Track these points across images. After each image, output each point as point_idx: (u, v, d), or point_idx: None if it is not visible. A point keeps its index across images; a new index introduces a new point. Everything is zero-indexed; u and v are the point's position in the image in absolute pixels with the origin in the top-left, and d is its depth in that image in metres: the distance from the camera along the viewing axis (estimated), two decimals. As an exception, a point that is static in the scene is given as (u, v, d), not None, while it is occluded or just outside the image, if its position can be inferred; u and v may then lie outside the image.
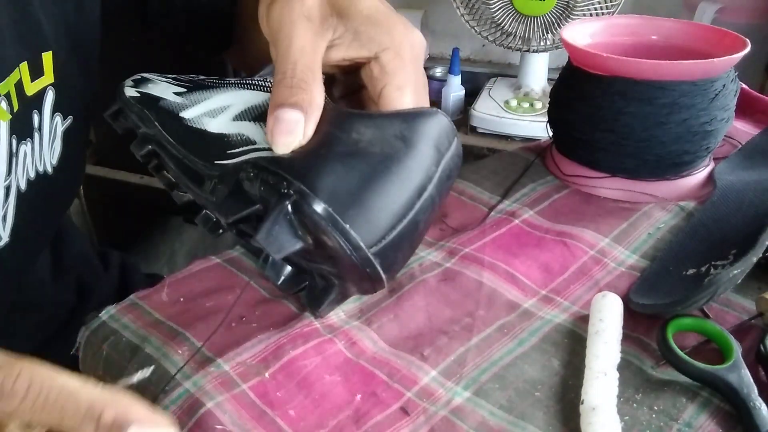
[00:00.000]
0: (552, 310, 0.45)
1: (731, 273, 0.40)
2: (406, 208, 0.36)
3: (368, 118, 0.39)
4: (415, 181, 0.37)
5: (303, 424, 0.36)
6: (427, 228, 0.40)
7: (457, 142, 0.40)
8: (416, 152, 0.37)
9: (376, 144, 0.37)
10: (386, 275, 0.38)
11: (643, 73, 0.52)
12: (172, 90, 0.45)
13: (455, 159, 0.40)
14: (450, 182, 0.40)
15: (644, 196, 0.56)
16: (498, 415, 0.37)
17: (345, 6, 0.40)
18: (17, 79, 0.47)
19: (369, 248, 0.35)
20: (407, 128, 0.38)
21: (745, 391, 0.36)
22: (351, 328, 0.43)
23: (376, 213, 0.36)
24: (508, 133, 1.14)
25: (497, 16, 1.09)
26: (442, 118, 0.40)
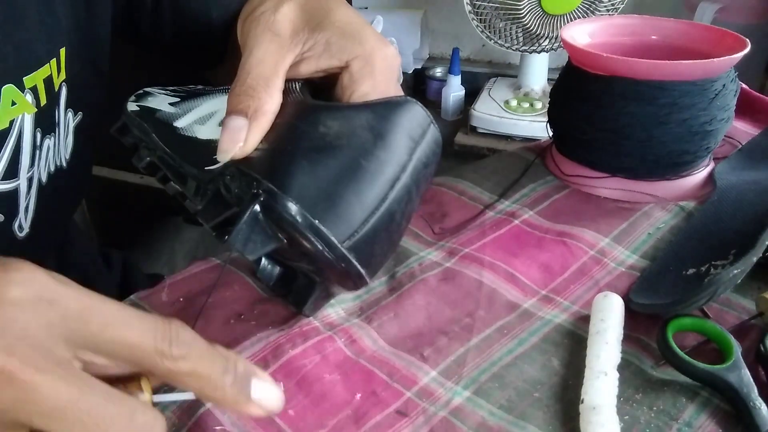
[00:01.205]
0: (552, 310, 0.45)
1: (731, 273, 0.40)
2: (378, 200, 0.36)
3: (335, 110, 0.38)
4: (387, 172, 0.36)
5: (302, 423, 0.36)
6: (406, 219, 0.39)
7: (433, 130, 0.40)
8: (386, 142, 0.37)
9: (344, 137, 0.37)
10: (366, 270, 0.37)
11: (643, 73, 0.52)
12: (168, 101, 0.45)
13: (432, 146, 0.40)
14: (429, 170, 0.40)
15: (644, 196, 0.56)
16: (498, 415, 0.37)
17: (319, 19, 0.40)
18: (47, 74, 0.47)
19: (342, 243, 0.35)
20: (375, 118, 0.38)
21: (745, 391, 0.36)
22: (351, 325, 0.43)
23: (346, 207, 0.35)
24: (508, 133, 1.14)
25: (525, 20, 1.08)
26: (414, 106, 0.39)
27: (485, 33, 1.12)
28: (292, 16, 0.41)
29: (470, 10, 1.10)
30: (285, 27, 0.40)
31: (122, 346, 0.26)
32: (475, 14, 1.11)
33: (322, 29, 0.40)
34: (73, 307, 0.25)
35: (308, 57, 0.41)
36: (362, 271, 0.37)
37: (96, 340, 0.26)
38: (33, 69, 0.46)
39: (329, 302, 0.45)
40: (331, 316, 0.44)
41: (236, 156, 0.36)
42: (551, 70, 1.22)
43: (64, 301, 0.25)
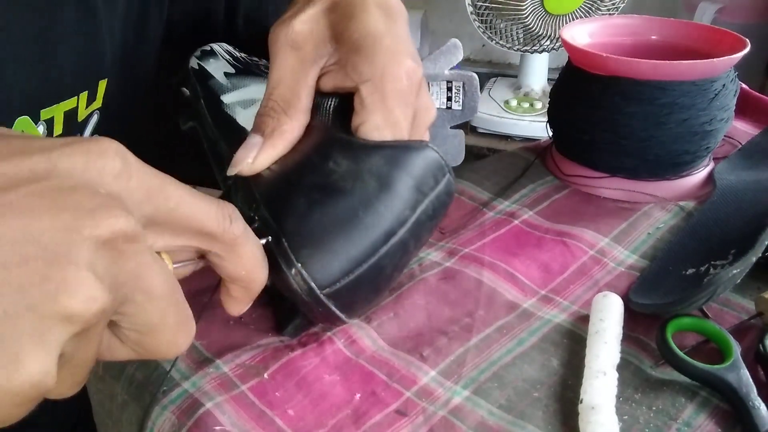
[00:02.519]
0: (551, 309, 0.45)
1: (730, 273, 0.40)
2: (367, 254, 0.34)
3: (348, 148, 0.36)
4: (383, 226, 0.34)
5: (302, 423, 0.36)
6: (399, 269, 0.37)
7: (447, 180, 0.37)
8: (389, 195, 0.34)
9: (349, 179, 0.35)
10: (345, 314, 0.36)
11: (643, 73, 0.52)
12: (224, 69, 0.44)
13: (442, 198, 0.37)
14: (434, 222, 0.37)
15: (644, 196, 0.56)
16: (497, 415, 0.37)
17: (340, 30, 0.37)
18: (71, 107, 0.46)
19: (321, 290, 0.34)
20: (385, 165, 0.35)
21: (744, 391, 0.36)
22: (350, 325, 0.43)
23: (332, 256, 0.34)
24: (508, 133, 1.14)
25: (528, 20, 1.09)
26: (430, 154, 0.36)
27: (486, 33, 1.12)
28: (312, 24, 0.38)
29: (472, 11, 1.10)
30: (304, 38, 0.37)
31: (193, 220, 0.28)
32: (477, 15, 1.11)
33: (342, 42, 0.37)
34: (156, 183, 0.26)
35: (329, 72, 0.38)
36: (341, 315, 0.36)
37: (173, 216, 0.27)
38: (54, 102, 0.44)
39: None
40: (331, 316, 0.44)
41: (243, 172, 0.36)
42: (551, 70, 1.22)
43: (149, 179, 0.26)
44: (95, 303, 0.22)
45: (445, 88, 0.56)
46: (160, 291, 0.25)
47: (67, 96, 0.45)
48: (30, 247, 0.22)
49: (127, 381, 0.40)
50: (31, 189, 0.22)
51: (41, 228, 0.22)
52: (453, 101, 0.55)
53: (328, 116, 0.38)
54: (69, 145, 0.24)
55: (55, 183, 0.23)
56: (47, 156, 0.23)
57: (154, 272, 0.25)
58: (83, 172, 0.24)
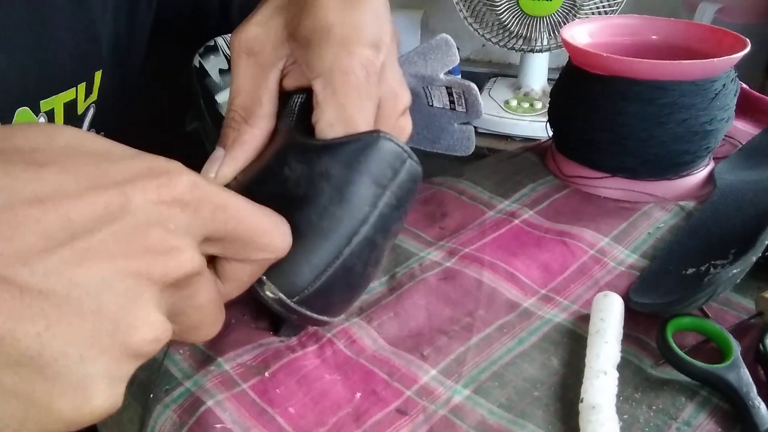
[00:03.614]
0: (552, 309, 0.45)
1: (731, 272, 0.40)
2: (330, 258, 0.34)
3: (301, 152, 0.35)
4: (342, 229, 0.34)
5: (303, 422, 0.36)
6: (372, 263, 0.36)
7: (409, 166, 0.35)
8: (344, 197, 0.34)
9: (302, 185, 0.34)
10: (326, 315, 0.36)
11: (643, 73, 0.52)
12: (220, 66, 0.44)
13: (407, 185, 0.36)
14: (401, 211, 0.36)
15: (644, 196, 0.56)
16: (497, 414, 0.37)
17: (294, 26, 0.36)
18: (71, 98, 0.46)
19: (291, 299, 0.34)
20: (335, 166, 0.34)
21: (744, 390, 0.36)
22: (351, 325, 0.43)
23: (294, 266, 0.33)
24: (508, 133, 1.14)
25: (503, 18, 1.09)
26: (384, 144, 0.34)
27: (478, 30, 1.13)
28: (265, 26, 0.37)
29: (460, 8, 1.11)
30: (260, 42, 0.37)
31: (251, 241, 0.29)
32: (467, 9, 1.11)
33: (294, 38, 0.36)
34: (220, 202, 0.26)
35: (290, 71, 0.38)
36: (320, 317, 0.36)
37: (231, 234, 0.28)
38: (53, 93, 0.45)
39: None
40: (332, 316, 0.44)
41: None
42: (551, 70, 1.22)
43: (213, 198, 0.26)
44: (161, 340, 0.24)
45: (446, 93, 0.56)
46: (208, 302, 0.27)
47: (66, 87, 0.45)
48: (106, 295, 0.22)
49: (129, 380, 0.40)
50: (107, 232, 0.23)
51: (116, 274, 0.22)
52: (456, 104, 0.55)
53: (293, 117, 0.38)
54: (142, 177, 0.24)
55: (130, 222, 0.23)
56: (121, 190, 0.23)
57: (205, 289, 0.26)
58: (156, 206, 0.24)
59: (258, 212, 0.29)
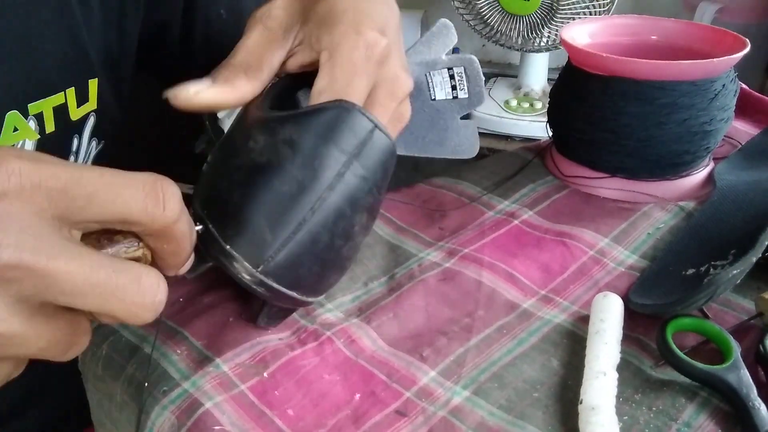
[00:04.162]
0: (551, 310, 0.45)
1: (731, 273, 0.40)
2: (293, 223, 0.33)
3: (263, 124, 0.35)
4: (304, 193, 0.33)
5: (302, 423, 0.36)
6: (342, 237, 0.36)
7: (377, 137, 0.35)
8: (305, 160, 0.33)
9: (265, 153, 0.34)
10: (296, 291, 0.36)
11: (643, 73, 0.52)
12: None
13: (376, 155, 0.35)
14: (371, 183, 0.36)
15: (644, 196, 0.56)
16: (497, 415, 0.37)
17: (308, 11, 0.39)
18: (60, 103, 0.47)
19: (256, 268, 0.33)
20: (297, 131, 0.34)
21: (744, 391, 0.36)
22: (350, 325, 0.43)
23: (256, 232, 0.33)
24: (508, 133, 1.13)
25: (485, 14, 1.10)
26: (347, 113, 0.34)
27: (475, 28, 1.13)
28: (288, 9, 0.39)
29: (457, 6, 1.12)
30: (278, 21, 0.38)
31: (112, 212, 0.26)
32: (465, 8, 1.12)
33: (308, 20, 0.38)
34: (55, 185, 0.25)
35: (296, 52, 0.39)
36: (289, 292, 0.35)
37: (86, 213, 0.26)
38: (41, 97, 0.46)
39: (324, 307, 0.45)
40: (330, 319, 0.44)
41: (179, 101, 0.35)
42: (551, 70, 1.22)
43: (45, 182, 0.25)
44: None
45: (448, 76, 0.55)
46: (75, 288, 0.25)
47: (53, 91, 0.46)
48: None
49: (127, 381, 0.40)
50: None
51: None
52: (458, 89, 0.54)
53: (262, 98, 0.38)
54: None
55: None
56: None
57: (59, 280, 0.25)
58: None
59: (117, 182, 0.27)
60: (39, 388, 0.61)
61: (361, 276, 0.48)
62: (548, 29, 1.04)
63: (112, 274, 0.26)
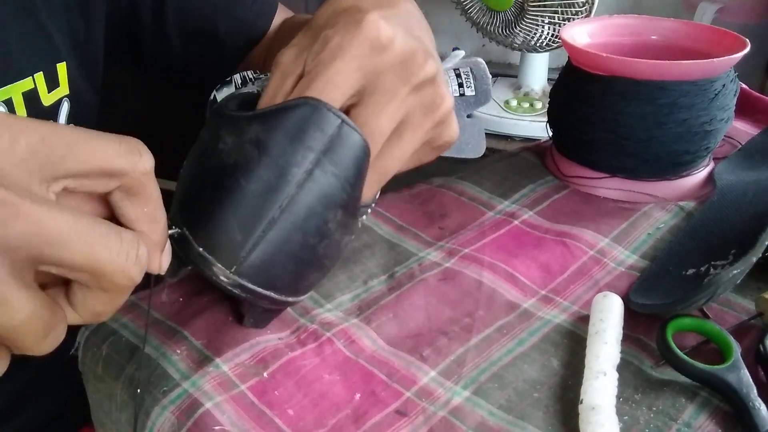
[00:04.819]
0: (551, 310, 0.45)
1: (731, 273, 0.40)
2: (262, 221, 0.34)
3: (233, 123, 0.35)
4: (272, 190, 0.33)
5: (302, 423, 0.36)
6: (317, 235, 0.36)
7: (346, 133, 0.35)
8: (271, 158, 0.33)
9: (233, 153, 0.34)
10: (273, 291, 0.36)
11: (643, 73, 0.52)
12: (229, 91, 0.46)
13: (345, 151, 0.35)
14: (343, 180, 0.35)
15: (644, 196, 0.56)
16: (497, 415, 0.37)
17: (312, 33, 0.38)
18: (29, 88, 0.47)
19: (229, 269, 0.34)
20: (263, 130, 0.34)
21: (745, 391, 0.36)
22: (350, 326, 0.43)
23: (226, 233, 0.33)
24: (508, 133, 1.13)
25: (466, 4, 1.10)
26: (312, 109, 0.34)
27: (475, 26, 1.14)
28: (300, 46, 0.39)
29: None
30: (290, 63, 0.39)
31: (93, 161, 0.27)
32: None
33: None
34: (34, 137, 0.25)
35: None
36: (267, 293, 0.35)
37: (66, 163, 0.26)
38: (8, 82, 0.46)
39: (324, 306, 0.45)
40: (329, 318, 0.44)
41: None
42: (551, 70, 1.22)
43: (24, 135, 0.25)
44: None
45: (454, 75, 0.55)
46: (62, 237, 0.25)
47: (20, 76, 0.47)
48: None
49: (127, 381, 0.40)
50: None
51: None
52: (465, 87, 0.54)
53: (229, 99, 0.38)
54: None
55: None
56: None
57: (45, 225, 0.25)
58: None
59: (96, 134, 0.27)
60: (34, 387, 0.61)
61: (361, 275, 0.48)
62: (520, 28, 1.05)
63: (94, 224, 0.26)
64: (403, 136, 0.37)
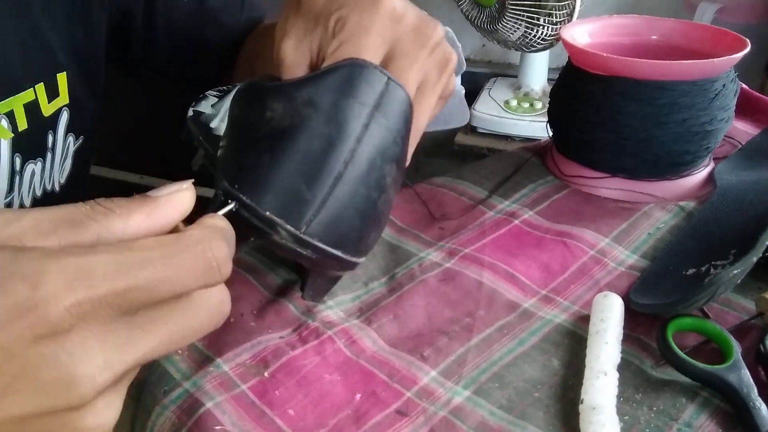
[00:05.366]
0: (552, 310, 0.45)
1: (731, 273, 0.40)
2: (331, 179, 0.34)
3: (277, 91, 0.36)
4: (333, 147, 0.34)
5: (302, 423, 0.36)
6: (376, 188, 0.36)
7: (393, 89, 0.36)
8: (329, 116, 0.34)
9: (287, 118, 0.34)
10: (340, 250, 0.35)
11: (643, 73, 0.52)
12: (211, 102, 0.46)
13: (394, 106, 0.36)
14: (395, 132, 0.36)
15: (644, 196, 0.56)
16: (498, 415, 0.37)
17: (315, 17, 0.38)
18: (30, 99, 0.47)
19: (299, 229, 0.33)
20: (316, 91, 0.35)
21: (745, 391, 0.36)
22: (351, 326, 0.43)
23: (293, 193, 0.33)
24: (508, 133, 1.14)
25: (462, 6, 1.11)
26: (359, 68, 0.35)
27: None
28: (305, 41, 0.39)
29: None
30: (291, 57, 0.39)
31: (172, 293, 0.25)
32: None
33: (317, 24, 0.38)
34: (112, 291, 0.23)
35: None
36: (336, 252, 0.35)
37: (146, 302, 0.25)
38: (9, 94, 0.46)
39: (325, 303, 0.45)
40: (330, 317, 0.44)
41: None
42: (551, 70, 1.22)
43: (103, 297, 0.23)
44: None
45: None
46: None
47: (21, 88, 0.47)
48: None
49: (127, 381, 0.40)
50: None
51: None
52: None
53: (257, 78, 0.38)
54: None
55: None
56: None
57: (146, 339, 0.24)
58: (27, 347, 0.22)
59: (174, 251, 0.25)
60: None
61: (362, 276, 0.48)
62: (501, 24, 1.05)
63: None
64: (425, 93, 0.39)
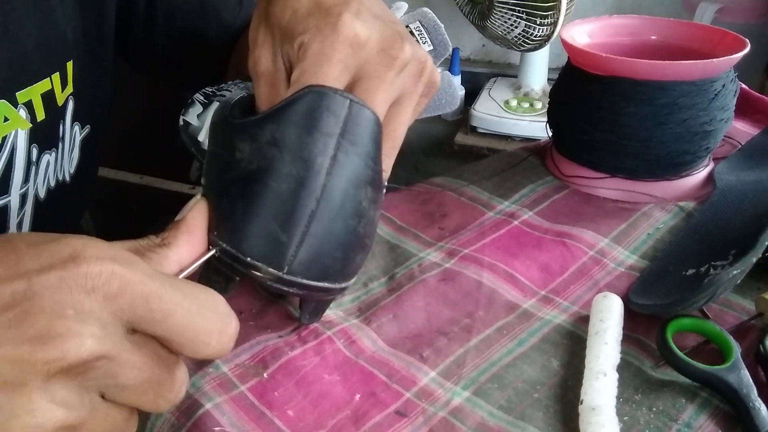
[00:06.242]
0: (551, 310, 0.45)
1: (731, 273, 0.40)
2: (302, 217, 0.34)
3: (243, 131, 0.35)
4: (303, 184, 0.33)
5: (302, 424, 0.36)
6: (355, 216, 0.36)
7: (355, 110, 0.35)
8: (293, 154, 0.34)
9: (254, 159, 0.34)
10: (327, 282, 0.36)
11: (643, 73, 0.52)
12: (197, 112, 0.46)
13: (358, 128, 0.35)
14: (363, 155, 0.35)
15: (644, 197, 0.56)
16: (497, 416, 0.37)
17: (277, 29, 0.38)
18: (47, 89, 0.47)
19: (282, 270, 0.34)
20: (277, 129, 0.34)
21: (745, 392, 0.36)
22: (350, 326, 0.43)
23: (271, 237, 0.34)
24: (508, 133, 1.14)
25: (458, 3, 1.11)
26: (317, 96, 0.34)
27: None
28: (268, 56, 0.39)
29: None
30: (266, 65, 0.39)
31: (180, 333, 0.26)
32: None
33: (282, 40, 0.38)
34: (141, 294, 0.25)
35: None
36: (322, 284, 0.36)
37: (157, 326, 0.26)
38: (28, 84, 0.46)
39: None
40: (330, 317, 0.44)
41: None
42: (551, 70, 1.22)
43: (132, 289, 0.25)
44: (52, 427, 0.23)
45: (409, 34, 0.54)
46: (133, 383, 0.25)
47: (39, 77, 0.46)
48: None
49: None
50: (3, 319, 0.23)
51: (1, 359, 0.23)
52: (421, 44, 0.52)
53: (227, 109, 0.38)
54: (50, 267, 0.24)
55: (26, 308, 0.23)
56: (27, 279, 0.24)
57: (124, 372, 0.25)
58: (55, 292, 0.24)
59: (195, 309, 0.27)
60: None
61: (361, 276, 0.48)
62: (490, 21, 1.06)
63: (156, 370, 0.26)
64: (402, 103, 0.39)
